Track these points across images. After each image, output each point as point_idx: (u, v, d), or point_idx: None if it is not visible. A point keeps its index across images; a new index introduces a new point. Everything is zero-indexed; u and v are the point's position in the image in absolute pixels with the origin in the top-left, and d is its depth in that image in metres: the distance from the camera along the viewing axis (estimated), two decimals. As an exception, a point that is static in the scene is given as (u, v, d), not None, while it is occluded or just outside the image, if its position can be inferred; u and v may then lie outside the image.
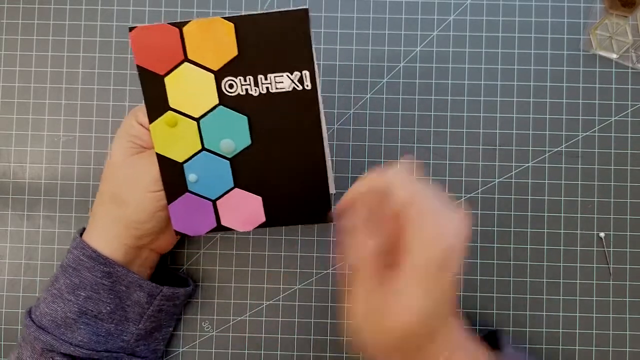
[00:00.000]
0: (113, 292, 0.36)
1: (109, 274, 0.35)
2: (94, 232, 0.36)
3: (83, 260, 0.35)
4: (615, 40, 0.43)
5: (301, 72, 0.32)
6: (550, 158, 0.43)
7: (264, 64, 0.32)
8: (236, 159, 0.34)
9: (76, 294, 0.35)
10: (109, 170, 0.36)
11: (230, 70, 0.32)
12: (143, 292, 0.37)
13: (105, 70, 0.44)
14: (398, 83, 0.43)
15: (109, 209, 0.36)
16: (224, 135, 0.34)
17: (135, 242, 0.36)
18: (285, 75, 0.32)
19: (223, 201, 0.35)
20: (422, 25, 0.43)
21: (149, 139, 0.36)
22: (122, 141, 0.36)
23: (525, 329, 0.42)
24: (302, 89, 0.33)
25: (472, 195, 0.43)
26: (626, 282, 0.42)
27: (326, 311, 0.43)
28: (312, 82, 0.32)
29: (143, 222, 0.35)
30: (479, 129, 0.43)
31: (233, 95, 0.33)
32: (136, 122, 0.36)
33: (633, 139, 0.43)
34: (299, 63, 0.32)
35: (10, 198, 0.44)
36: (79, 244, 0.36)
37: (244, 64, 0.32)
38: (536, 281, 0.42)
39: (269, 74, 0.32)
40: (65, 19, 0.44)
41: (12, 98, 0.44)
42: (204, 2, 0.44)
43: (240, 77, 0.32)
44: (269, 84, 0.32)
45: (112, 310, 0.36)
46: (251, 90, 0.33)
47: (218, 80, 0.32)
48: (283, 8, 0.34)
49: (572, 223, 0.43)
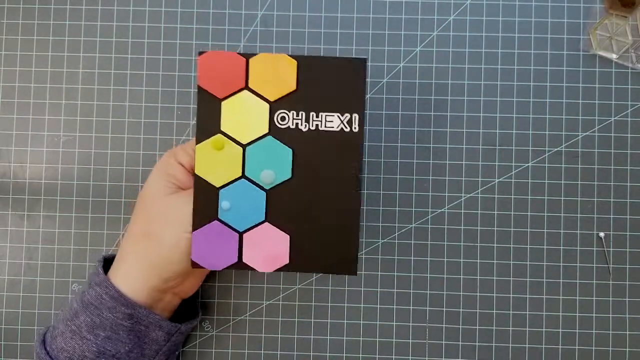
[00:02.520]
0: (132, 332, 0.36)
1: (130, 316, 0.35)
2: (120, 270, 0.36)
3: (105, 300, 0.35)
4: (615, 40, 0.43)
5: (351, 115, 0.34)
6: (550, 158, 0.43)
7: (318, 102, 0.34)
8: (272, 192, 0.35)
9: (95, 334, 0.35)
10: (144, 204, 0.36)
11: (285, 103, 0.34)
12: (162, 331, 0.37)
13: (105, 70, 0.44)
14: (398, 83, 0.43)
15: (140, 246, 0.35)
16: (266, 166, 0.34)
17: (161, 284, 0.36)
18: (336, 116, 0.34)
19: (250, 235, 0.35)
20: (422, 25, 0.43)
21: (186, 179, 0.36)
22: (159, 179, 0.36)
23: (525, 329, 0.42)
24: (350, 131, 0.34)
25: (472, 195, 0.43)
26: (626, 282, 0.42)
27: (326, 311, 0.43)
28: (360, 126, 0.34)
29: (174, 262, 0.35)
30: (479, 129, 0.43)
31: (283, 128, 0.34)
32: (175, 161, 0.36)
33: (633, 139, 0.43)
34: (351, 106, 0.34)
35: (10, 198, 0.44)
36: (103, 282, 0.35)
37: (299, 100, 0.34)
38: (536, 281, 0.42)
39: (320, 112, 0.34)
40: (65, 19, 0.44)
41: (12, 98, 0.44)
42: (204, 3, 0.44)
43: (294, 111, 0.34)
44: (320, 121, 0.34)
45: (130, 350, 0.36)
46: (301, 125, 0.34)
47: (272, 111, 0.34)
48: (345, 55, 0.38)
49: (572, 223, 0.43)
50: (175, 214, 0.35)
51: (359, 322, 0.43)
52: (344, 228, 0.35)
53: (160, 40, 0.44)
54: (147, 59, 0.44)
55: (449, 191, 0.43)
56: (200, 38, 0.44)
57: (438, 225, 0.43)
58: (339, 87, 0.34)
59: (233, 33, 0.44)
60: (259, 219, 0.35)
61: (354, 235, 0.35)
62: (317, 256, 0.35)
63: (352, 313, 0.43)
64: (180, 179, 0.36)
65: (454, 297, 0.42)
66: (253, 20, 0.44)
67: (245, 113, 0.34)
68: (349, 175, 0.35)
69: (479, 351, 0.42)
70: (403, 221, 0.43)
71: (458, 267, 0.43)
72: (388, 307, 0.43)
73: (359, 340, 0.42)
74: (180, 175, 0.36)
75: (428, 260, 0.43)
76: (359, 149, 0.34)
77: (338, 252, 0.35)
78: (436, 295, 0.43)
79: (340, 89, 0.34)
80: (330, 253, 0.35)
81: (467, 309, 0.42)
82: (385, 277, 0.43)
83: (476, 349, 0.42)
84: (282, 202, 0.35)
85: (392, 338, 0.42)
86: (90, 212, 0.43)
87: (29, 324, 0.43)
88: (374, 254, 0.43)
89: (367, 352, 0.42)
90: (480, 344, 0.42)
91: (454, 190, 0.43)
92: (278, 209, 0.35)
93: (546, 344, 0.42)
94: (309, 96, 0.34)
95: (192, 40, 0.44)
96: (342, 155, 0.34)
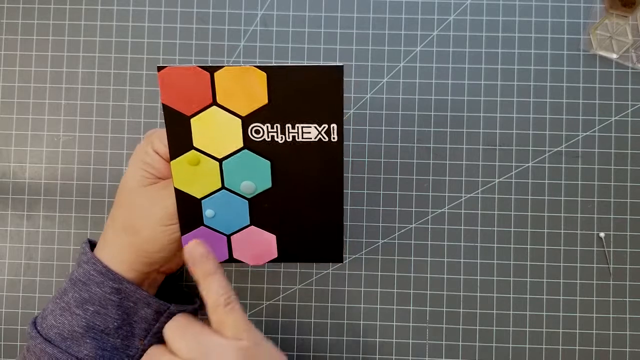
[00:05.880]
0: (121, 308, 0.36)
1: (117, 290, 0.35)
2: (104, 251, 0.36)
3: (93, 275, 0.35)
4: (615, 40, 0.43)
5: (329, 125, 0.32)
6: (550, 158, 0.43)
7: (292, 113, 0.32)
8: (255, 199, 0.34)
9: (84, 308, 0.35)
10: (123, 195, 0.36)
11: (258, 116, 0.32)
12: (150, 309, 0.37)
13: (105, 70, 0.44)
14: (398, 83, 0.43)
15: (120, 236, 0.36)
16: (245, 177, 0.34)
17: (146, 268, 0.36)
18: (314, 127, 0.32)
19: (237, 236, 0.36)
20: (422, 25, 0.43)
21: (164, 168, 0.35)
22: (136, 168, 0.35)
23: (525, 329, 0.42)
24: (328, 141, 0.33)
25: (472, 195, 0.43)
26: (626, 282, 0.42)
27: (326, 311, 0.43)
28: (339, 135, 0.33)
29: (155, 252, 0.35)
30: (479, 129, 0.43)
31: (258, 140, 0.33)
32: (152, 149, 0.35)
33: (633, 139, 0.43)
34: (328, 116, 0.32)
35: (10, 198, 0.44)
36: (90, 259, 0.36)
37: (273, 112, 0.32)
38: (536, 281, 0.42)
39: (296, 124, 0.32)
40: (65, 19, 0.44)
41: (12, 98, 0.44)
42: (203, 3, 0.44)
43: (268, 124, 0.32)
44: (296, 133, 0.33)
45: (119, 326, 0.36)
46: (277, 137, 0.33)
47: (245, 125, 0.32)
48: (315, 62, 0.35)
49: (572, 223, 0.43)
50: (152, 206, 0.35)
51: (359, 322, 0.43)
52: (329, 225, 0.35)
53: (160, 40, 0.44)
54: (146, 58, 0.44)
55: (449, 191, 0.43)
56: (200, 38, 0.44)
57: (438, 225, 0.43)
58: (315, 97, 0.32)
59: (233, 33, 0.44)
60: (244, 223, 0.35)
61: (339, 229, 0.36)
62: (305, 249, 0.36)
63: (352, 313, 0.43)
64: (157, 167, 0.35)
65: (454, 297, 0.42)
66: (253, 20, 0.44)
67: (217, 129, 0.32)
68: (330, 180, 0.34)
69: (479, 351, 0.42)
70: (403, 221, 0.43)
71: (458, 267, 0.43)
72: (388, 307, 0.43)
73: (359, 341, 0.42)
74: (157, 164, 0.35)
75: (428, 260, 0.43)
76: (339, 158, 0.33)
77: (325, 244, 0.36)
78: (436, 296, 0.43)
79: (316, 99, 0.32)
80: (318, 246, 0.36)
81: (467, 309, 0.42)
82: (385, 277, 0.43)
83: (476, 349, 0.42)
84: (266, 208, 0.35)
85: (392, 338, 0.42)
86: (90, 212, 0.43)
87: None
88: (374, 254, 0.43)
89: (367, 352, 0.42)
90: (480, 344, 0.42)
91: (454, 190, 0.43)
92: (262, 214, 0.35)
93: (546, 344, 0.42)
94: (283, 108, 0.32)
95: (191, 40, 0.44)
96: (323, 165, 0.33)
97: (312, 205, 0.35)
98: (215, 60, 0.43)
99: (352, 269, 0.43)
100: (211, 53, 0.44)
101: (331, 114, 0.32)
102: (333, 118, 0.32)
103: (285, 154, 0.33)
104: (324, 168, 0.34)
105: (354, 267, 0.43)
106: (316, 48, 0.43)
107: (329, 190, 0.34)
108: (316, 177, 0.34)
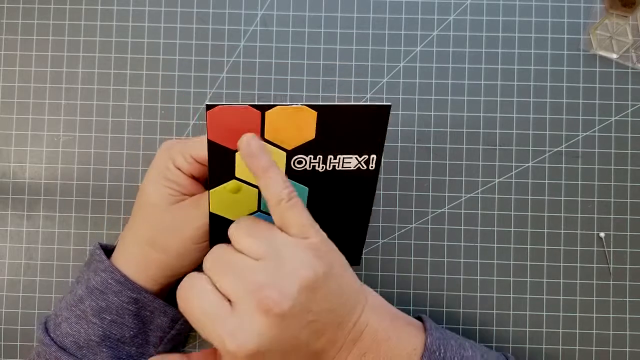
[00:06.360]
0: (138, 317, 0.36)
1: (135, 300, 0.35)
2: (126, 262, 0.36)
3: (111, 284, 0.35)
4: (615, 40, 0.43)
5: (369, 156, 0.33)
6: (550, 158, 0.43)
7: (336, 146, 0.33)
8: None
9: (101, 317, 0.35)
10: (146, 211, 0.36)
11: (302, 149, 0.32)
12: (167, 317, 0.37)
13: (105, 70, 0.44)
14: (398, 83, 0.43)
15: (146, 252, 0.35)
16: None
17: (167, 280, 0.36)
18: (354, 157, 0.33)
19: None
20: (422, 25, 0.43)
21: (188, 184, 0.35)
22: (158, 185, 0.35)
23: (525, 329, 0.42)
24: (366, 169, 0.34)
25: (472, 195, 0.43)
26: (626, 282, 0.42)
27: (326, 311, 0.43)
28: (377, 164, 0.34)
29: (181, 267, 0.35)
30: (479, 129, 0.43)
31: (299, 170, 0.33)
32: (173, 165, 0.35)
33: (633, 139, 0.43)
34: (370, 148, 0.33)
35: (10, 198, 0.44)
36: (108, 267, 0.36)
37: (318, 145, 0.32)
38: (536, 281, 0.42)
39: (339, 155, 0.33)
40: (65, 19, 0.44)
41: (12, 98, 0.44)
42: (203, 3, 0.44)
43: (311, 156, 0.33)
44: (337, 162, 0.33)
45: (134, 335, 0.36)
46: (318, 167, 0.33)
47: (289, 157, 0.33)
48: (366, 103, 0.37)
49: (572, 223, 0.43)
50: (182, 225, 0.35)
51: (359, 322, 0.42)
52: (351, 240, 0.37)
53: (160, 40, 0.44)
54: (146, 58, 0.44)
55: (449, 191, 0.43)
56: (199, 38, 0.44)
57: (438, 225, 0.43)
58: (360, 132, 0.32)
59: (233, 33, 0.44)
60: None
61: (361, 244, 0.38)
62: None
63: (352, 313, 0.43)
64: (181, 184, 0.35)
65: (454, 297, 0.42)
66: (253, 20, 0.44)
67: None
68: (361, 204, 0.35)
69: (479, 351, 0.42)
70: (403, 221, 0.43)
71: (458, 267, 0.43)
72: (388, 307, 0.43)
73: (359, 341, 0.42)
74: (181, 180, 0.35)
75: (428, 260, 0.43)
76: (374, 184, 0.34)
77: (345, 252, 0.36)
78: (436, 296, 0.42)
79: (361, 133, 0.32)
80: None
81: (467, 309, 0.42)
82: (385, 277, 0.43)
83: (476, 349, 0.42)
84: None
85: (392, 338, 0.42)
86: (90, 212, 0.43)
87: (29, 324, 0.43)
88: (374, 254, 0.43)
89: (367, 352, 0.42)
90: (480, 344, 0.42)
91: (454, 190, 0.43)
92: None
93: (546, 344, 0.42)
94: (328, 142, 0.32)
95: (191, 40, 0.44)
96: (357, 190, 0.35)
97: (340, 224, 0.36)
98: (215, 61, 0.43)
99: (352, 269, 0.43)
100: (211, 53, 0.44)
101: (373, 146, 0.33)
102: (374, 150, 0.33)
103: (323, 181, 0.34)
104: (358, 193, 0.35)
105: (354, 267, 0.43)
106: (316, 48, 0.43)
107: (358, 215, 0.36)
108: (348, 200, 0.35)
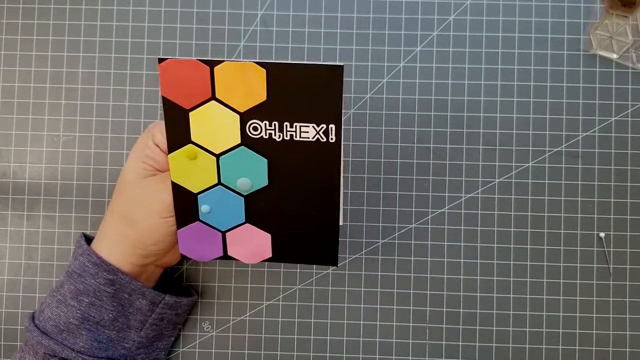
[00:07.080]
0: (116, 299, 0.36)
1: (112, 282, 0.36)
2: (101, 243, 0.36)
3: (88, 267, 0.36)
4: (615, 40, 0.43)
5: (327, 125, 0.32)
6: (550, 158, 0.43)
7: (291, 112, 0.32)
8: (251, 197, 0.34)
9: (79, 300, 0.35)
10: (122, 187, 0.36)
11: (256, 113, 0.32)
12: (145, 299, 0.37)
13: (105, 70, 0.44)
14: (398, 83, 0.43)
15: (118, 226, 0.36)
16: (242, 174, 0.34)
17: (141, 260, 0.36)
18: (312, 126, 0.32)
19: (232, 233, 0.36)
20: (422, 25, 0.43)
21: (164, 161, 0.35)
22: (136, 160, 0.36)
23: (525, 329, 0.42)
24: (326, 141, 0.32)
25: (472, 195, 0.43)
26: (626, 282, 0.42)
27: (326, 311, 0.43)
28: (337, 136, 0.32)
29: (152, 244, 0.36)
30: (479, 129, 0.43)
31: (256, 138, 0.33)
32: (152, 142, 0.35)
33: (633, 139, 0.43)
34: (327, 116, 0.32)
35: (10, 198, 0.44)
36: (85, 251, 0.36)
37: (271, 110, 0.32)
38: (536, 281, 0.42)
39: (294, 123, 0.32)
40: (65, 19, 0.44)
41: (12, 98, 0.44)
42: (203, 3, 0.44)
43: (266, 122, 0.32)
44: (294, 131, 0.32)
45: (114, 318, 0.36)
46: (275, 135, 0.33)
47: (243, 121, 0.32)
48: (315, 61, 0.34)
49: (572, 223, 0.43)
50: (150, 198, 0.35)
51: (359, 323, 0.43)
52: (324, 227, 0.35)
53: (160, 40, 0.44)
54: (146, 58, 0.44)
55: (449, 191, 0.43)
56: (199, 38, 0.44)
57: (438, 225, 0.43)
58: (314, 97, 0.31)
59: (233, 33, 0.44)
60: (240, 220, 0.35)
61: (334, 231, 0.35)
62: (299, 251, 0.36)
63: (352, 313, 0.43)
64: (157, 160, 0.36)
65: (454, 297, 0.42)
66: (253, 20, 0.44)
67: (215, 123, 0.32)
68: (327, 180, 0.34)
69: (479, 351, 0.42)
70: (403, 221, 0.43)
71: (458, 267, 0.43)
72: (388, 307, 0.43)
73: (359, 341, 0.42)
74: (157, 156, 0.35)
75: (428, 260, 0.43)
76: (336, 159, 0.33)
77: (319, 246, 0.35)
78: (436, 296, 0.42)
79: (315, 99, 0.31)
80: (312, 247, 0.36)
81: (467, 309, 0.42)
82: (385, 277, 0.43)
83: (476, 350, 0.42)
84: (262, 206, 0.35)
85: (392, 338, 0.42)
86: (90, 212, 0.43)
87: (29, 324, 0.43)
88: (374, 254, 0.43)
89: (367, 352, 0.42)
90: (480, 344, 0.42)
91: (454, 190, 0.43)
92: (258, 212, 0.35)
93: (546, 344, 0.42)
94: (282, 106, 0.32)
95: (191, 40, 0.44)
96: (320, 165, 0.33)
97: (308, 206, 0.35)
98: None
99: (352, 269, 0.43)
100: (211, 53, 0.44)
101: (330, 114, 0.32)
102: (332, 118, 0.32)
103: (282, 153, 0.33)
104: (321, 169, 0.33)
105: (354, 267, 0.43)
106: (316, 48, 0.43)
107: (325, 192, 0.34)
108: (313, 177, 0.34)
